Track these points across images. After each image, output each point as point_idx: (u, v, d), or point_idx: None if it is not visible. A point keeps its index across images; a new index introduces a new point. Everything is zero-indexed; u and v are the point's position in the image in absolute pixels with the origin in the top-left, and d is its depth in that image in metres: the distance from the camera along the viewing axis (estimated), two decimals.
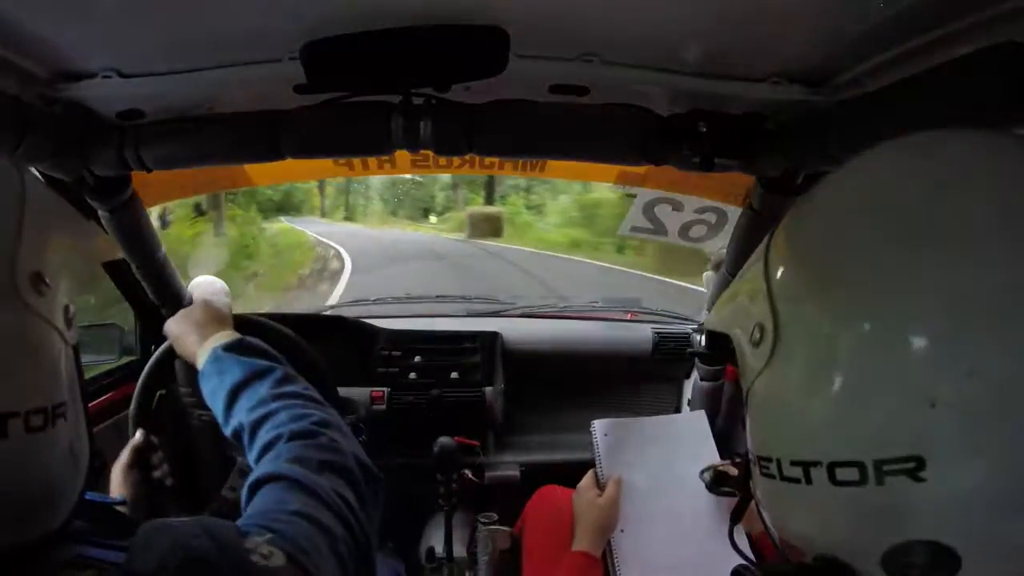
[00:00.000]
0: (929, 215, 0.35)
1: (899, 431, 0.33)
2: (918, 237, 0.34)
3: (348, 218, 18.57)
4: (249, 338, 0.68)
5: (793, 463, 0.38)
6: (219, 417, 0.63)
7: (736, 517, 0.58)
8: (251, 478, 0.51)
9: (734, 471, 0.60)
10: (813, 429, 0.37)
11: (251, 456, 0.57)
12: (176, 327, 0.75)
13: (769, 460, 0.40)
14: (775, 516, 0.43)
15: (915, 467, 0.32)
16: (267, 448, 0.55)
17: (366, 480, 0.53)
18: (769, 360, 0.40)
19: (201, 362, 0.67)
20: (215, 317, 0.74)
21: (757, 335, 0.41)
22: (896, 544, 0.34)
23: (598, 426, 0.96)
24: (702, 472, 0.69)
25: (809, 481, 0.36)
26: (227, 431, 0.62)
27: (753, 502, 0.52)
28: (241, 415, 0.60)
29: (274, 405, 0.58)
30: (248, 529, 0.42)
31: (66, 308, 0.42)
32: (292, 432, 0.55)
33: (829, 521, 0.37)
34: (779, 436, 0.40)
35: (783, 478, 0.39)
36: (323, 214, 21.20)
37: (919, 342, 0.33)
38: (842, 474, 0.35)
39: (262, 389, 0.61)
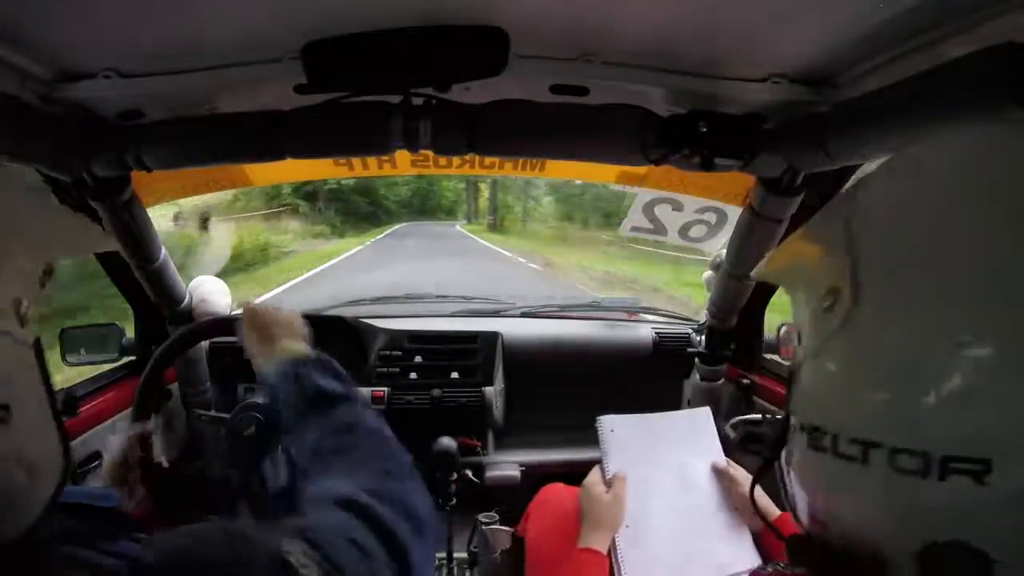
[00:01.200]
0: None
1: (974, 430, 0.32)
2: None
3: (495, 228, 16.01)
4: (327, 357, 0.67)
5: (852, 440, 0.35)
6: (286, 422, 0.63)
7: (759, 477, 0.55)
8: (320, 490, 0.51)
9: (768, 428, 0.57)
10: (882, 409, 0.35)
11: (319, 475, 0.56)
12: (258, 318, 0.72)
13: (823, 432, 0.38)
14: (814, 490, 0.41)
15: (982, 470, 0.31)
16: (341, 473, 0.54)
17: (426, 530, 0.53)
18: (842, 327, 0.37)
19: (275, 364, 0.66)
20: (296, 324, 0.73)
21: (830, 298, 0.38)
22: (937, 541, 0.33)
23: (605, 421, 0.96)
24: (729, 425, 0.66)
25: (866, 462, 0.35)
26: (289, 439, 0.62)
27: (756, 495, 0.51)
28: (315, 432, 0.59)
29: (351, 438, 0.58)
30: (291, 536, 0.41)
31: (17, 303, 0.39)
32: (370, 468, 0.55)
33: (875, 506, 0.36)
34: (841, 408, 0.38)
35: (837, 454, 0.36)
36: (469, 219, 18.71)
37: (1012, 341, 0.31)
38: (904, 462, 0.33)
39: (344, 415, 0.60)
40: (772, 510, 0.82)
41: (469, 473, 1.23)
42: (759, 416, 0.73)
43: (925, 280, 0.35)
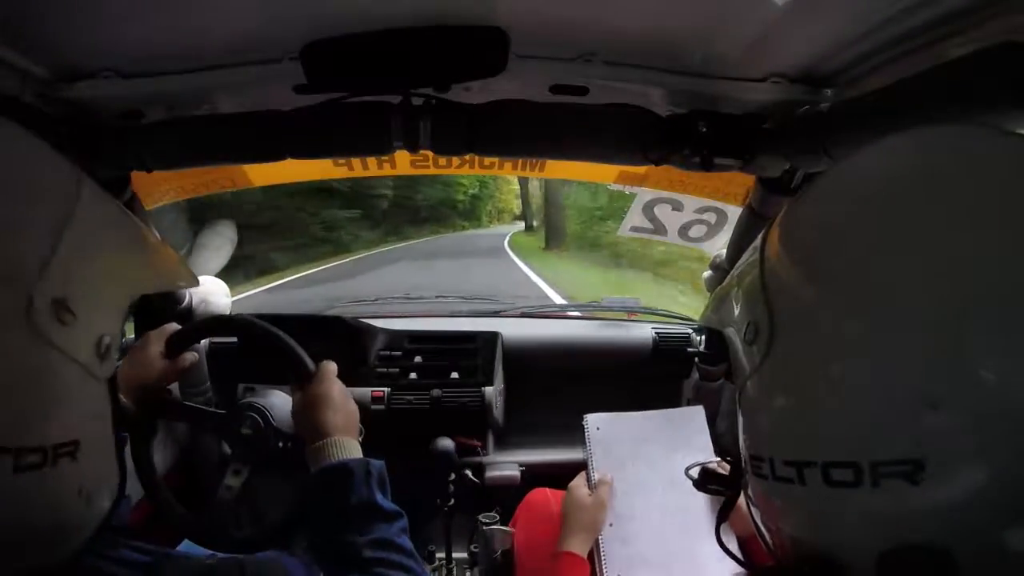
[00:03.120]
0: (928, 211, 0.34)
1: (898, 433, 0.32)
2: (917, 234, 0.34)
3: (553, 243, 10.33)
4: (379, 467, 0.68)
5: (787, 463, 0.37)
6: (323, 516, 0.64)
7: (723, 516, 0.57)
8: None
9: (724, 469, 0.60)
10: (808, 429, 0.36)
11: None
12: (315, 401, 0.73)
13: (762, 460, 0.39)
14: (767, 516, 0.42)
15: (912, 470, 0.31)
16: None
17: None
18: (764, 359, 0.39)
19: (324, 456, 0.67)
20: (354, 418, 0.75)
21: (751, 333, 0.40)
22: (891, 547, 0.33)
23: (590, 420, 0.96)
24: (688, 469, 0.68)
25: (803, 482, 0.36)
26: (320, 534, 0.63)
27: (743, 501, 0.52)
28: (355, 538, 0.60)
29: (395, 556, 0.59)
30: None
31: (99, 339, 0.39)
32: None
33: (823, 522, 0.37)
34: (772, 435, 0.39)
35: (776, 478, 0.38)
36: (529, 226, 14.63)
37: (920, 342, 0.32)
38: (837, 475, 0.34)
39: (387, 533, 0.61)
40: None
41: (469, 473, 1.22)
42: (714, 461, 0.76)
43: (824, 301, 0.36)
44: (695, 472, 0.68)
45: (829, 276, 0.37)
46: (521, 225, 16.43)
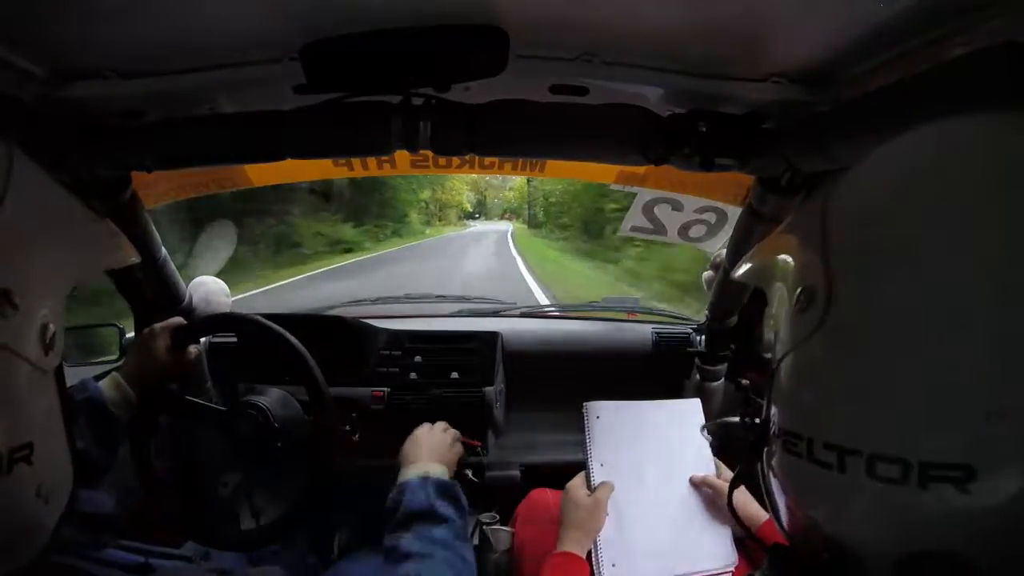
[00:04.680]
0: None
1: (953, 436, 0.31)
2: (1005, 230, 0.31)
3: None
4: (457, 487, 0.80)
5: (827, 446, 0.34)
6: (393, 511, 0.75)
7: (736, 484, 0.54)
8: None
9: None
10: (858, 414, 0.34)
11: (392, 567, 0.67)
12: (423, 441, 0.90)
13: (799, 437, 0.36)
14: (790, 496, 0.40)
15: (964, 477, 0.30)
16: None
17: None
18: (816, 329, 0.36)
19: (413, 474, 0.80)
20: (446, 451, 0.90)
21: (804, 299, 0.37)
22: (916, 551, 0.32)
23: (590, 408, 0.96)
24: (704, 428, 0.65)
25: (843, 470, 0.33)
26: (387, 528, 0.74)
27: (740, 498, 0.51)
28: (409, 534, 0.70)
29: (442, 552, 0.68)
30: None
31: (43, 328, 0.36)
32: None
33: (853, 513, 0.35)
34: (815, 413, 0.36)
35: (812, 459, 0.35)
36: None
37: (987, 345, 0.30)
38: (883, 469, 0.32)
39: (439, 533, 0.71)
40: (759, 514, 0.81)
41: (469, 473, 1.22)
42: (736, 419, 0.74)
43: (900, 282, 0.33)
44: (715, 432, 0.64)
45: (911, 253, 0.33)
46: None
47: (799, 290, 0.37)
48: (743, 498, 0.82)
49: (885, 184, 0.37)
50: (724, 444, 0.64)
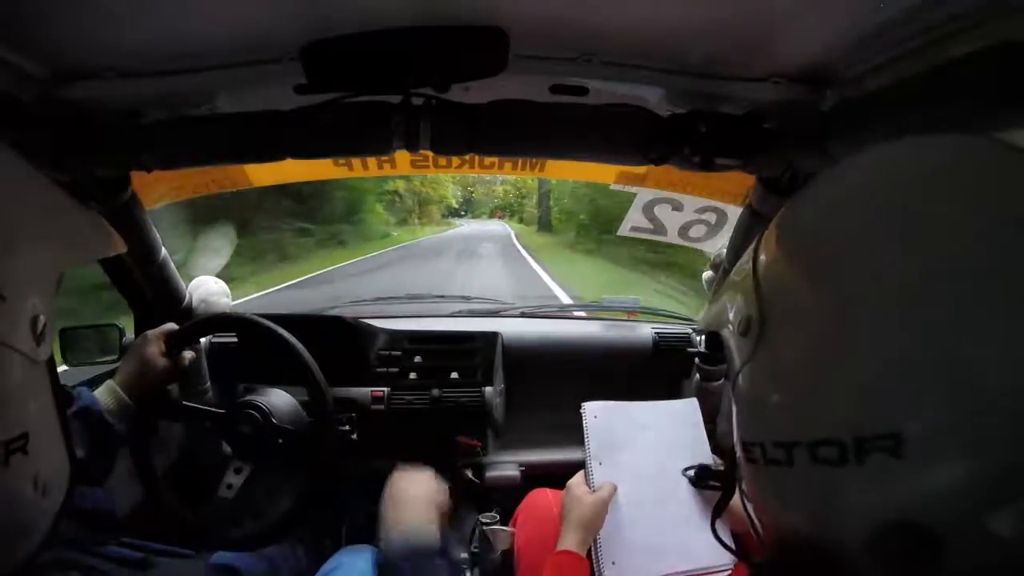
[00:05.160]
0: (916, 214, 0.35)
1: (877, 408, 0.33)
2: (902, 235, 0.35)
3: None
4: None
5: (776, 444, 0.38)
6: None
7: (718, 512, 0.58)
8: None
9: (720, 467, 0.61)
10: (796, 411, 0.38)
11: None
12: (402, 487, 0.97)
13: (754, 445, 0.41)
14: (759, 506, 0.43)
15: (894, 444, 0.32)
16: None
17: None
18: (755, 349, 0.41)
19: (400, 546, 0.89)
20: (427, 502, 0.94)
21: (744, 326, 0.42)
22: (878, 525, 0.34)
23: (589, 408, 0.97)
24: (686, 470, 0.69)
25: (791, 463, 0.37)
26: None
27: (739, 499, 0.52)
28: None
29: None
30: None
31: (34, 321, 0.36)
32: None
33: (812, 503, 0.37)
34: (764, 419, 0.41)
35: (767, 461, 0.39)
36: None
37: (897, 320, 0.33)
38: (823, 453, 0.35)
39: None
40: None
41: (469, 473, 1.23)
42: (709, 462, 0.79)
43: (812, 288, 0.38)
44: (693, 472, 0.69)
45: (818, 267, 0.38)
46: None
47: (739, 319, 0.44)
48: (738, 508, 0.83)
49: (804, 215, 0.43)
50: (702, 480, 0.70)
